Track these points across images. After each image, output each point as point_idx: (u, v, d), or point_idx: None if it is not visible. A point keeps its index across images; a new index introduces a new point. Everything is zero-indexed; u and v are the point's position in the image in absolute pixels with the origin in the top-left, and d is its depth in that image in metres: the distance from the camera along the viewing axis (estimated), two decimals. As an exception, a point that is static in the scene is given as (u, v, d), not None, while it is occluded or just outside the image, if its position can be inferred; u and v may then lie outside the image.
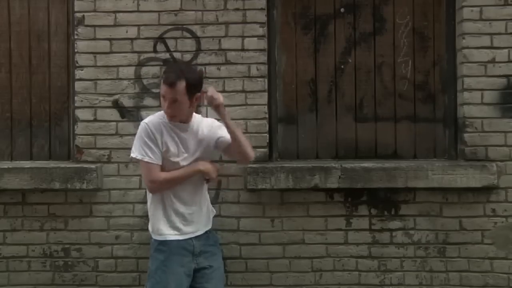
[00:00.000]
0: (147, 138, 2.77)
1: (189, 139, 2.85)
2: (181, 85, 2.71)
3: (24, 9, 3.59)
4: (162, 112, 2.86)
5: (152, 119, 2.84)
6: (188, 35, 3.40)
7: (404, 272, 3.35)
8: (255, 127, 3.37)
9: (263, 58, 3.39)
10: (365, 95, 3.53)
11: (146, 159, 2.77)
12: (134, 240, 3.39)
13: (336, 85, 3.54)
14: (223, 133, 2.89)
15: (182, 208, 2.84)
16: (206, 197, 2.98)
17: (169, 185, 2.80)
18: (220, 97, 2.79)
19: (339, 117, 3.54)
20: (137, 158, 2.80)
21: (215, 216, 3.07)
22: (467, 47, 3.32)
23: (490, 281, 3.31)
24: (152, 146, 2.77)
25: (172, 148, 2.81)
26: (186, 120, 2.85)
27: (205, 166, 2.87)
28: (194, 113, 2.91)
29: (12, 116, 3.59)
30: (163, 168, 2.80)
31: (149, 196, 2.88)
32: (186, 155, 2.84)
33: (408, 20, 3.51)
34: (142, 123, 2.83)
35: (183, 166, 2.83)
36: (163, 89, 2.75)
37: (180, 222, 2.83)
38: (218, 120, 2.93)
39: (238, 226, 3.37)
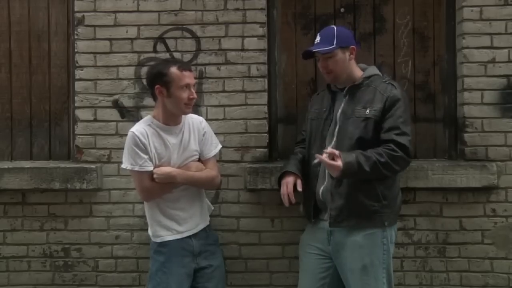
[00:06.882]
0: (135, 146, 2.74)
1: (179, 144, 2.83)
2: None
3: (24, 9, 3.59)
4: (149, 117, 2.85)
5: (139, 127, 2.80)
6: (188, 35, 3.39)
7: (404, 272, 3.35)
8: (255, 127, 3.37)
9: (263, 58, 3.39)
10: (365, 95, 3.52)
11: (137, 168, 2.74)
12: (134, 240, 3.38)
13: (336, 85, 3.53)
14: (204, 150, 2.91)
15: (177, 208, 2.83)
16: (201, 194, 2.97)
17: (163, 191, 2.79)
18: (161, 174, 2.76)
19: (339, 117, 3.53)
20: (128, 168, 2.77)
21: (215, 216, 3.06)
22: (467, 47, 3.32)
23: (490, 281, 3.31)
24: (141, 153, 2.74)
25: (162, 153, 2.79)
26: (177, 121, 2.85)
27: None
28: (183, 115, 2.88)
29: (12, 116, 3.59)
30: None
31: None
32: (176, 159, 2.82)
33: (408, 20, 3.51)
34: (129, 132, 2.79)
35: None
36: (188, 76, 2.76)
37: (176, 222, 2.82)
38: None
39: (238, 226, 3.37)
